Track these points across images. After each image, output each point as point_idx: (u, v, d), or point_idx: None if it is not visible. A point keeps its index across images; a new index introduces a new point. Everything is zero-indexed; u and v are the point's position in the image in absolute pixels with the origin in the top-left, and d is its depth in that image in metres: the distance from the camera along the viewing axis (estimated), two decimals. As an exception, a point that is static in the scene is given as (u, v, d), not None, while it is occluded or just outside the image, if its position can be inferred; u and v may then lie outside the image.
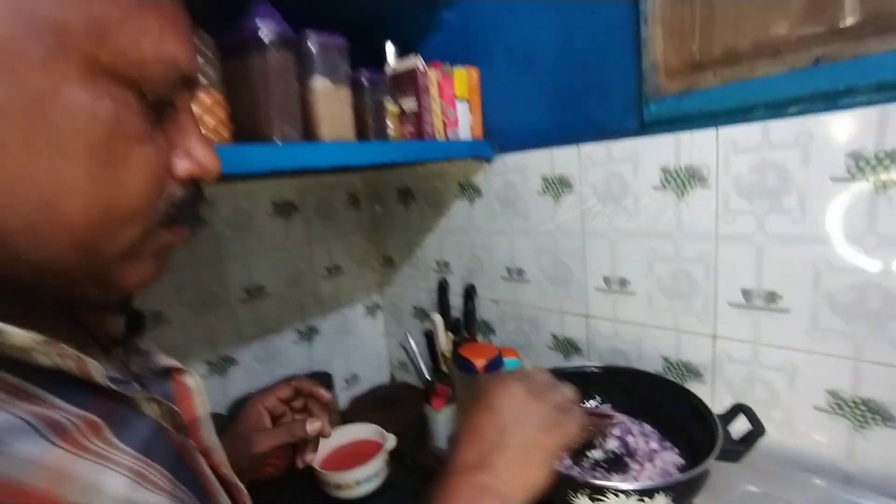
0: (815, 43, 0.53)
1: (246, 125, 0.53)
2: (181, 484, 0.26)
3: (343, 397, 1.09)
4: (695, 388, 0.62)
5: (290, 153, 0.53)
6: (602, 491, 0.43)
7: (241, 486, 0.35)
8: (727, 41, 0.59)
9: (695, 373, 0.66)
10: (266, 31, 0.52)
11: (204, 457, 0.32)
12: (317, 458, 0.81)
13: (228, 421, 0.57)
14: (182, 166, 0.26)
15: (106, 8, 0.21)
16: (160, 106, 0.24)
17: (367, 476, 0.78)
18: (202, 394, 0.35)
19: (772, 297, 0.58)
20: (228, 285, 0.91)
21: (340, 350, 1.12)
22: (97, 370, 0.23)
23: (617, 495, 0.43)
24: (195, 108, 0.46)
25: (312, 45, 0.57)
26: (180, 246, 0.29)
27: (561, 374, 0.62)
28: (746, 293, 0.60)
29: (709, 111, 0.59)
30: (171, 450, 0.27)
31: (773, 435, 0.60)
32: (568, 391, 0.44)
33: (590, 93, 0.69)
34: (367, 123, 0.66)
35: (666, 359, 0.68)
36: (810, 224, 0.54)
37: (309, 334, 1.05)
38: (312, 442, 0.55)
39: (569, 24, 0.69)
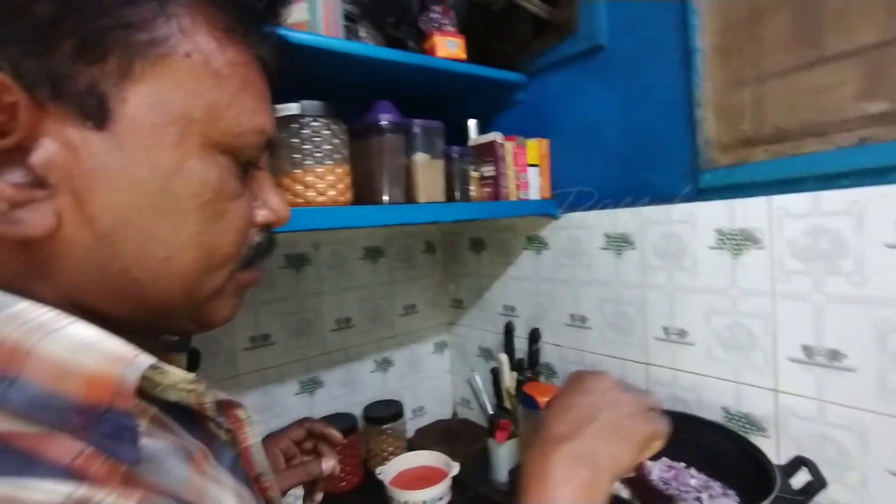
0: (859, 125, 0.59)
1: (365, 190, 0.68)
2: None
3: (409, 426, 1.18)
4: (758, 441, 0.64)
5: (396, 212, 0.68)
6: None
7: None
8: (776, 122, 0.66)
9: (757, 426, 0.68)
10: (384, 120, 0.68)
11: (255, 482, 0.33)
12: (387, 477, 0.90)
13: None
14: (262, 215, 0.30)
15: (219, 96, 0.25)
16: (248, 166, 0.28)
17: (433, 498, 0.86)
18: (252, 424, 0.36)
19: (834, 354, 0.61)
20: (323, 316, 1.06)
21: (410, 382, 1.22)
22: (212, 401, 0.27)
23: None
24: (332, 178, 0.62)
25: (416, 129, 0.72)
26: (256, 285, 0.32)
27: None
28: (807, 349, 0.63)
29: (760, 181, 0.66)
30: (244, 475, 0.31)
31: (850, 500, 0.60)
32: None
33: (648, 162, 0.79)
34: (454, 187, 0.80)
35: (725, 409, 0.71)
36: (870, 287, 0.57)
37: (384, 365, 1.17)
38: (323, 481, 0.55)
39: (628, 104, 0.80)
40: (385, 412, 1.04)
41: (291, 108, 0.61)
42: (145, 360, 0.22)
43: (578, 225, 0.90)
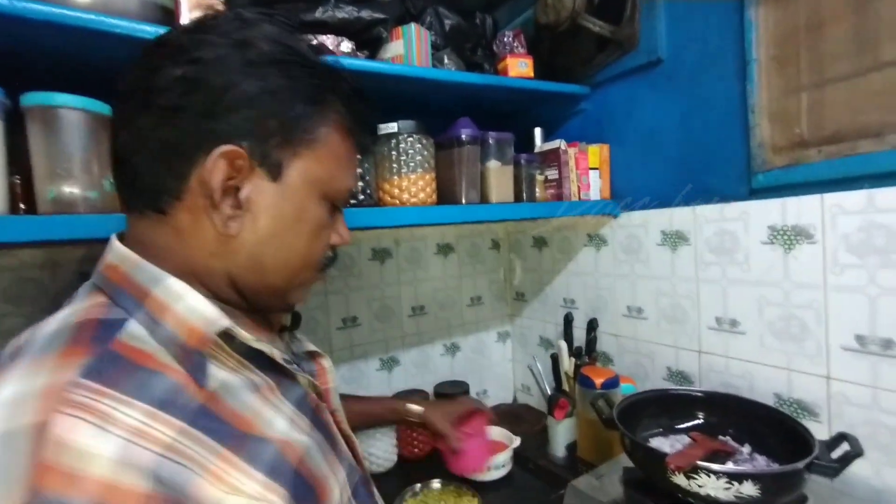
0: (912, 128, 0.62)
1: (446, 193, 0.82)
2: (316, 429, 0.39)
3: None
4: (811, 426, 0.66)
5: (472, 211, 0.81)
6: (696, 470, 0.56)
7: (353, 437, 0.48)
8: (833, 125, 0.71)
9: (810, 412, 0.72)
10: (464, 134, 0.81)
11: (332, 415, 0.45)
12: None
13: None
14: (334, 239, 0.44)
15: (336, 169, 0.40)
16: (335, 209, 0.42)
17: (496, 465, 0.97)
18: (333, 371, 0.49)
19: (888, 343, 0.64)
20: (401, 303, 1.22)
21: (475, 367, 1.34)
22: (279, 354, 0.38)
23: (709, 476, 0.55)
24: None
25: (490, 140, 0.85)
26: (321, 283, 0.51)
27: (670, 395, 0.76)
28: (861, 339, 0.67)
29: (814, 181, 0.71)
30: (310, 408, 0.41)
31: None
32: None
33: (704, 165, 0.85)
34: (522, 189, 0.91)
35: (778, 395, 0.76)
36: (924, 281, 0.61)
37: (453, 350, 1.30)
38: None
39: (686, 112, 0.87)
40: (453, 390, 1.17)
41: (391, 128, 0.76)
42: (224, 322, 0.34)
43: (636, 223, 0.97)
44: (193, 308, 0.34)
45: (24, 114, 0.50)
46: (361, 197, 0.72)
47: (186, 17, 0.59)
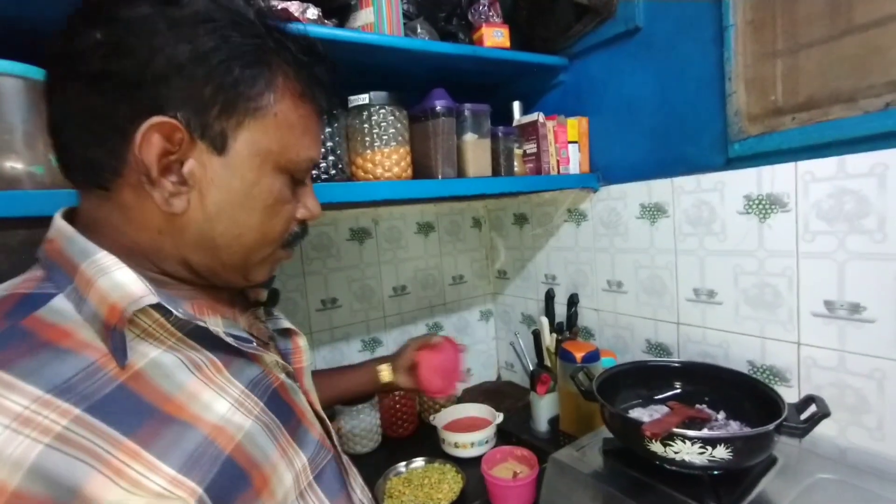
0: (886, 91, 0.62)
1: (422, 167, 0.80)
2: (269, 411, 0.37)
3: (458, 387, 1.30)
4: (782, 391, 0.69)
5: (449, 185, 0.79)
6: (672, 437, 0.57)
7: (325, 417, 0.46)
8: (807, 91, 0.70)
9: (781, 377, 0.74)
10: (439, 105, 0.79)
11: (304, 395, 0.43)
12: (440, 422, 1.03)
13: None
14: (301, 213, 0.41)
15: (289, 138, 0.36)
16: (297, 181, 0.40)
17: (480, 440, 0.98)
18: (307, 350, 0.48)
19: (855, 308, 0.66)
20: (382, 283, 1.20)
21: (459, 346, 1.34)
22: (224, 332, 0.36)
23: (684, 442, 0.56)
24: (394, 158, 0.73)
25: (467, 112, 0.82)
26: (288, 260, 0.45)
27: (648, 367, 0.77)
28: (829, 304, 0.68)
29: (787, 149, 0.70)
30: (269, 388, 0.38)
31: (865, 441, 0.66)
32: None
33: (681, 136, 0.84)
34: (500, 163, 0.89)
35: (751, 363, 0.77)
36: (891, 242, 0.62)
37: (436, 329, 1.30)
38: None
39: (663, 82, 0.86)
40: (437, 369, 1.17)
41: (362, 99, 0.73)
42: (150, 299, 0.31)
43: (616, 196, 0.97)
44: (117, 283, 0.31)
45: (-46, 83, 0.46)
46: (333, 172, 0.70)
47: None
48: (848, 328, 0.66)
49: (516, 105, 1.05)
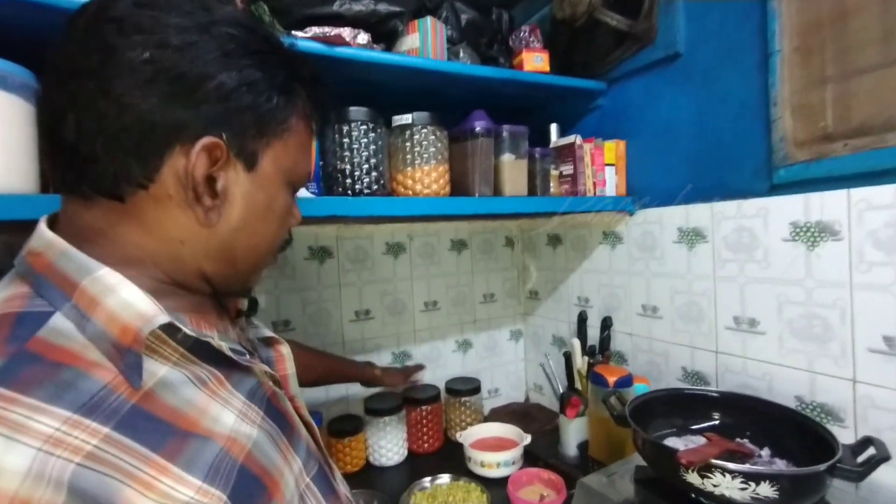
0: (945, 120, 0.60)
1: (459, 185, 0.82)
2: (269, 419, 0.38)
3: (485, 405, 1.29)
4: (835, 431, 0.63)
5: (485, 203, 0.80)
6: (711, 468, 0.54)
7: (312, 422, 0.47)
8: (860, 117, 0.68)
9: (834, 416, 0.70)
10: (478, 126, 0.81)
11: (290, 402, 0.44)
12: (466, 440, 1.02)
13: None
14: (291, 222, 0.43)
15: (300, 157, 0.40)
16: (293, 193, 0.42)
17: (506, 461, 0.96)
18: (291, 358, 0.49)
19: (916, 347, 0.62)
20: (414, 298, 1.22)
21: (487, 365, 1.34)
22: (227, 346, 0.36)
23: (724, 475, 0.53)
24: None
25: (505, 133, 0.84)
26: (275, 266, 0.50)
27: (684, 395, 0.74)
28: (889, 340, 0.64)
29: (839, 175, 0.68)
30: (264, 397, 0.39)
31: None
32: None
33: (721, 161, 0.83)
34: (536, 184, 0.91)
35: (799, 398, 0.73)
36: (955, 280, 0.58)
37: (465, 346, 1.30)
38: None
39: (703, 107, 0.85)
40: (465, 386, 1.17)
41: (406, 119, 0.77)
42: (161, 319, 0.31)
43: (652, 220, 0.96)
44: (127, 303, 0.31)
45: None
46: (375, 187, 0.73)
47: None
48: (908, 366, 0.62)
49: (553, 127, 1.06)
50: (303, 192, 0.66)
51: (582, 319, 1.10)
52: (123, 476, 0.27)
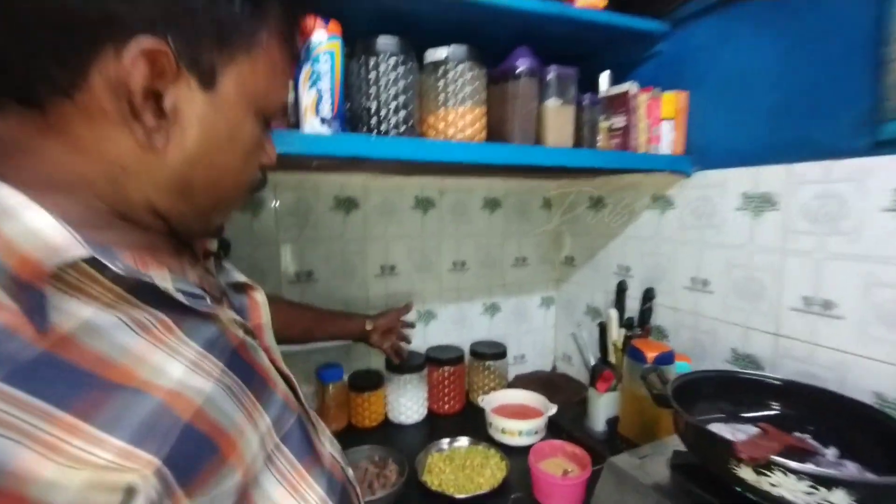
0: None
1: (496, 133, 0.73)
2: (231, 372, 0.33)
3: (510, 371, 1.25)
4: None
5: (524, 153, 0.72)
6: (770, 465, 0.47)
7: (291, 375, 0.43)
8: None
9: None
10: (522, 65, 0.71)
11: (266, 353, 0.39)
12: (488, 405, 0.99)
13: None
14: (264, 160, 0.39)
15: (272, 81, 0.35)
16: (267, 126, 0.37)
17: (529, 430, 0.92)
18: (266, 306, 0.45)
19: None
20: (442, 256, 1.17)
21: (514, 331, 1.28)
22: (173, 287, 0.31)
23: (787, 474, 0.46)
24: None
25: (552, 75, 0.74)
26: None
27: (738, 379, 0.66)
28: None
29: (966, 133, 0.55)
30: (228, 347, 0.34)
31: None
32: None
33: (809, 113, 0.70)
34: (582, 136, 0.81)
35: (879, 395, 0.63)
36: None
37: (492, 310, 1.25)
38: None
39: (791, 49, 0.71)
40: (490, 350, 1.13)
41: (439, 54, 0.68)
42: (76, 253, 0.25)
43: (712, 183, 0.84)
44: (29, 230, 0.25)
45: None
46: (403, 128, 0.66)
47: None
48: None
49: (605, 76, 0.94)
50: (320, 129, 0.60)
51: (621, 289, 1.01)
52: (20, 435, 0.22)
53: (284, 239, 0.98)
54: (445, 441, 0.90)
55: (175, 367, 0.29)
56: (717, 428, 0.62)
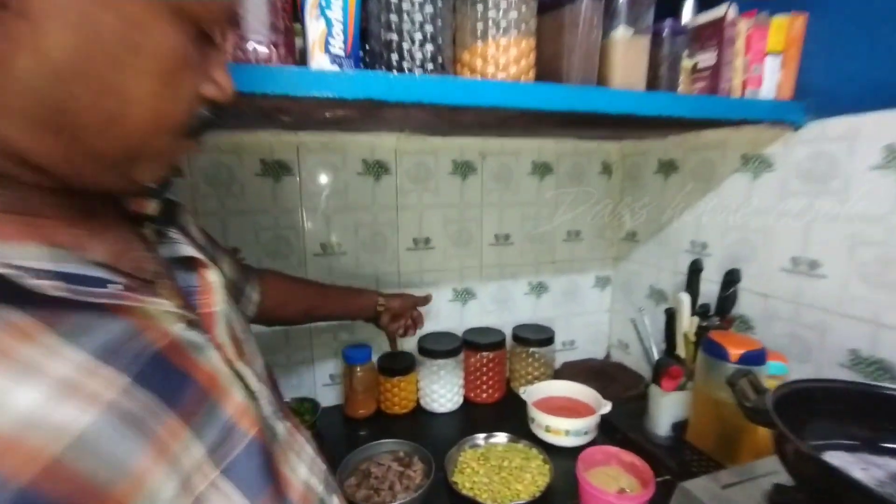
0: None
1: (548, 73, 0.59)
2: (144, 387, 0.24)
3: (557, 358, 1.12)
4: None
5: (583, 96, 0.57)
6: None
7: (254, 376, 0.34)
8: None
9: None
10: (584, -19, 0.56)
11: (219, 351, 0.31)
12: (531, 397, 0.87)
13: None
14: (209, 90, 0.29)
15: None
16: (206, 39, 0.28)
17: (578, 430, 0.80)
18: (221, 290, 0.35)
19: None
20: (483, 228, 1.04)
21: (563, 313, 1.15)
22: (25, 275, 0.22)
23: None
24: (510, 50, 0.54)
25: (622, -5, 0.58)
26: (186, 155, 0.32)
27: (877, 394, 0.50)
28: None
29: None
30: (147, 350, 0.26)
31: None
32: None
33: None
34: (659, 75, 0.64)
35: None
36: None
37: (539, 289, 1.12)
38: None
39: None
40: (535, 335, 1.01)
41: (478, -31, 0.54)
42: None
43: (836, 136, 0.65)
44: None
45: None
46: (430, 66, 0.53)
47: None
48: None
49: (690, 1, 0.75)
50: (328, 66, 0.49)
51: (695, 270, 0.84)
52: None
53: (308, 207, 0.90)
54: (481, 436, 0.81)
55: (27, 392, 0.20)
56: (838, 459, 0.47)
